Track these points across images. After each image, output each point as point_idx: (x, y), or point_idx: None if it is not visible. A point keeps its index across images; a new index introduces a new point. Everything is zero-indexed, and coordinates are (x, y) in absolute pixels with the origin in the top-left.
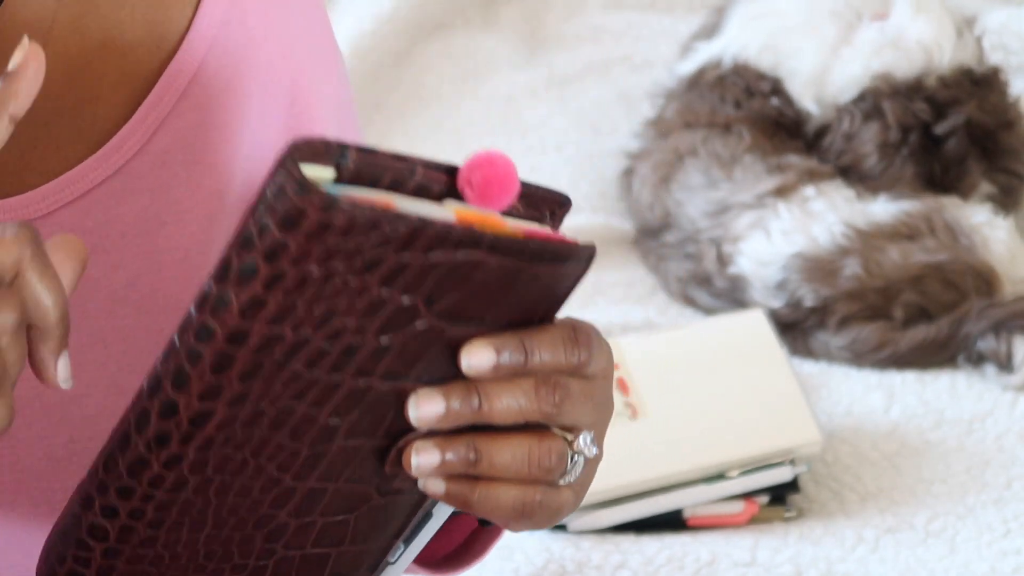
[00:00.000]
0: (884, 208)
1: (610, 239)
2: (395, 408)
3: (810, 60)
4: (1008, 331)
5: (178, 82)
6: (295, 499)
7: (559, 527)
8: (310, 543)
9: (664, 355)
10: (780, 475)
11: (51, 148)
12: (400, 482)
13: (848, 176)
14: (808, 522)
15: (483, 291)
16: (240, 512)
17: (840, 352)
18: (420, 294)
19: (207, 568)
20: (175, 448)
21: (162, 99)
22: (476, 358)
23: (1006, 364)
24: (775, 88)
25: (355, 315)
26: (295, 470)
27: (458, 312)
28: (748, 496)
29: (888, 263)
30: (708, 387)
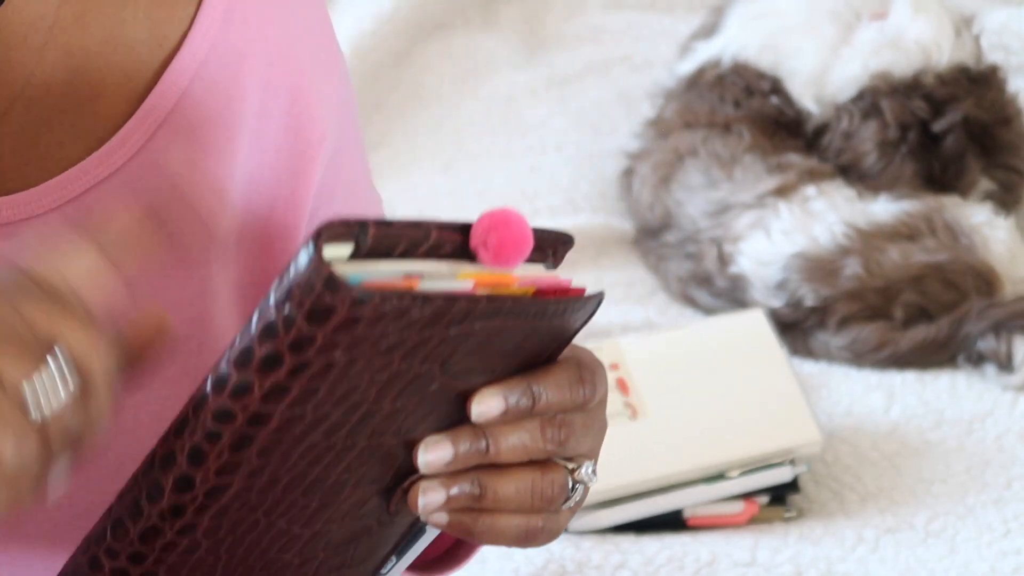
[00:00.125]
0: (884, 208)
1: (610, 239)
2: (404, 455)
3: (809, 59)
4: (1008, 331)
5: (180, 80)
6: (301, 542)
7: None
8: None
9: (664, 355)
10: (780, 475)
11: (53, 145)
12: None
13: (848, 175)
14: (808, 522)
15: (498, 349)
16: (249, 561)
17: (840, 352)
18: (437, 361)
19: None
20: (190, 519)
21: (164, 98)
22: (486, 407)
23: (1006, 364)
24: (775, 87)
25: (375, 388)
26: (304, 520)
27: (472, 368)
28: (748, 496)
29: (888, 263)
30: (708, 387)
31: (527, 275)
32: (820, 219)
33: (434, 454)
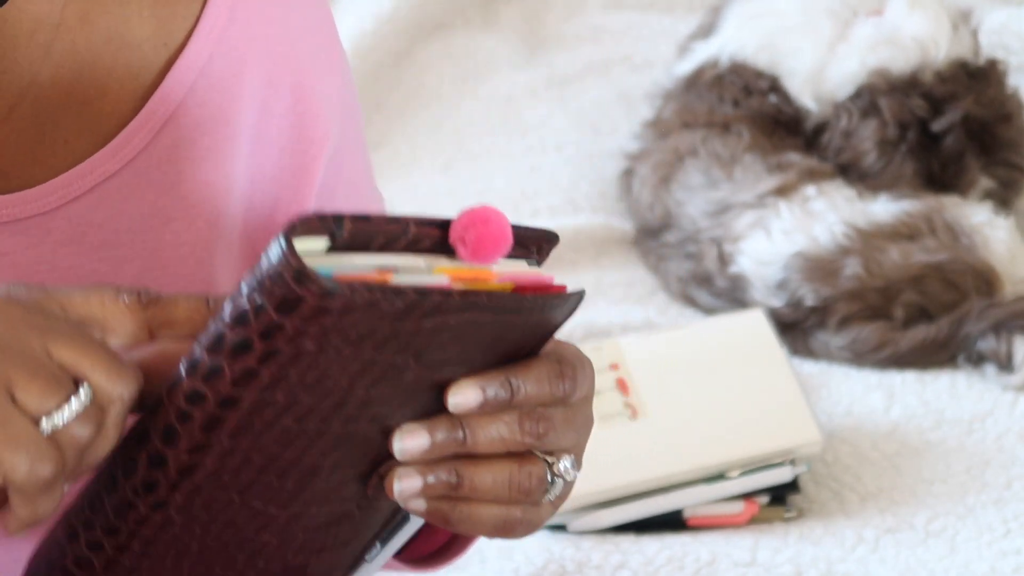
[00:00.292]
0: (884, 208)
1: (610, 239)
2: (380, 442)
3: (807, 57)
4: (1008, 331)
5: (185, 79)
6: (278, 523)
7: (559, 527)
8: (291, 554)
9: (664, 355)
10: (780, 475)
11: (59, 143)
12: (381, 500)
13: (847, 174)
14: (808, 522)
15: (474, 342)
16: (224, 539)
17: (840, 352)
18: (411, 352)
19: None
20: (163, 494)
21: (169, 95)
22: (462, 397)
23: (1006, 364)
24: (773, 86)
25: (347, 376)
26: (280, 502)
27: (447, 360)
28: (748, 496)
29: (888, 263)
30: (708, 387)
31: (507, 271)
32: (820, 219)
33: (410, 442)
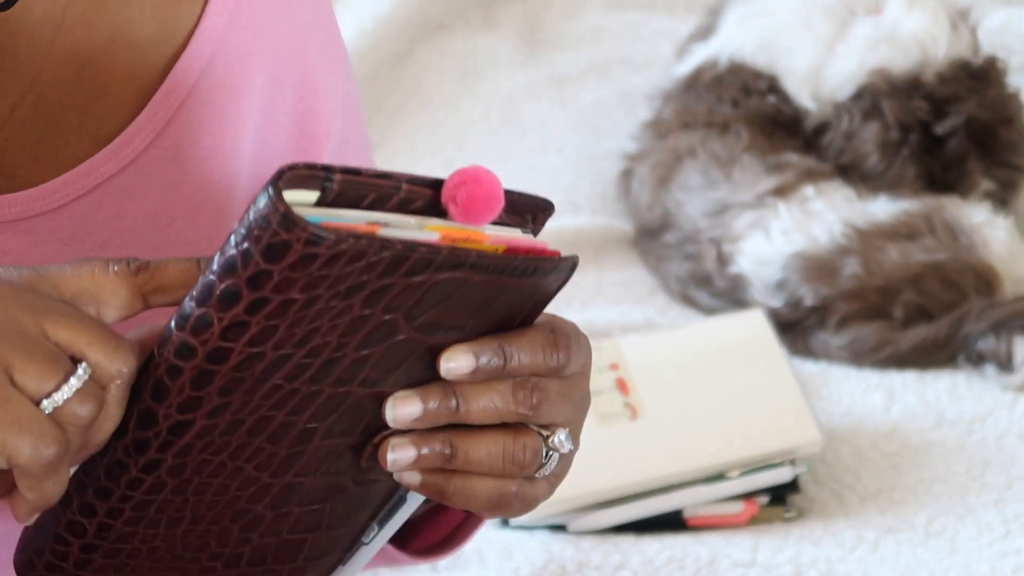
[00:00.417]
0: (884, 207)
1: (610, 239)
2: (373, 408)
3: (805, 57)
4: (1008, 331)
5: (187, 78)
6: (272, 493)
7: (559, 527)
8: (286, 530)
9: (664, 355)
10: (780, 475)
11: (61, 143)
12: (377, 474)
13: (848, 175)
14: (808, 522)
15: (465, 304)
16: (218, 508)
17: (840, 352)
18: (401, 312)
19: (184, 558)
20: (153, 454)
21: (172, 94)
22: (455, 363)
23: (1006, 364)
24: (772, 86)
25: (336, 333)
26: (273, 469)
27: (439, 323)
28: (748, 496)
29: (888, 263)
30: (708, 387)
31: (501, 236)
32: (819, 219)
33: (402, 409)
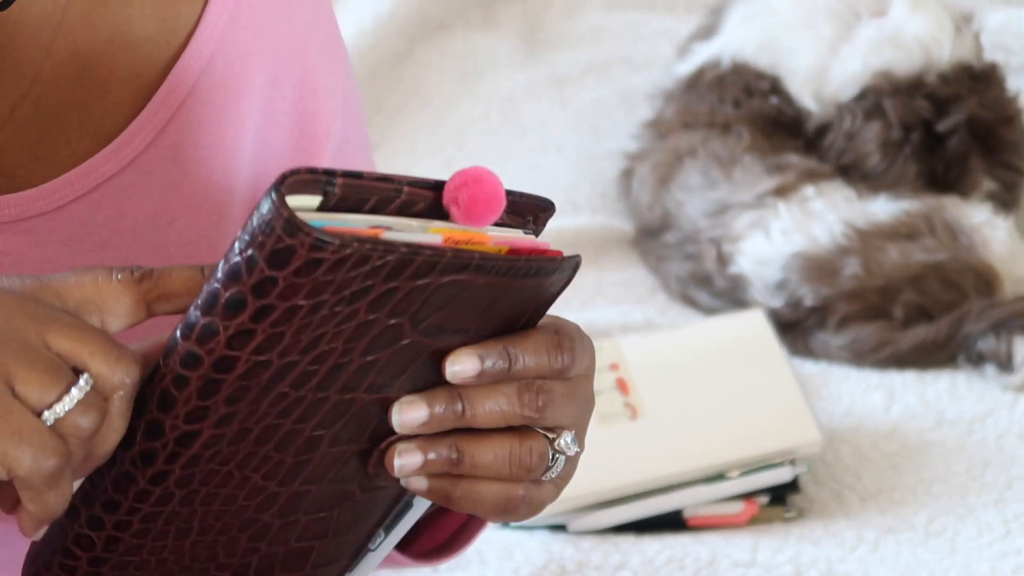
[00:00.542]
0: (884, 208)
1: (610, 239)
2: (379, 415)
3: (808, 58)
4: (1008, 331)
5: (187, 77)
6: (279, 502)
7: (559, 527)
8: (294, 539)
9: (664, 355)
10: (780, 475)
11: (61, 142)
12: (383, 480)
13: (850, 175)
14: (808, 522)
15: (469, 307)
16: (225, 518)
17: (840, 352)
18: (406, 316)
19: (192, 568)
20: (161, 466)
21: (172, 94)
22: (460, 366)
23: (1006, 364)
24: (774, 87)
25: (342, 339)
26: (280, 478)
27: (444, 326)
28: (748, 496)
29: (888, 263)
30: (708, 387)
31: (503, 237)
32: (819, 219)
33: (408, 414)
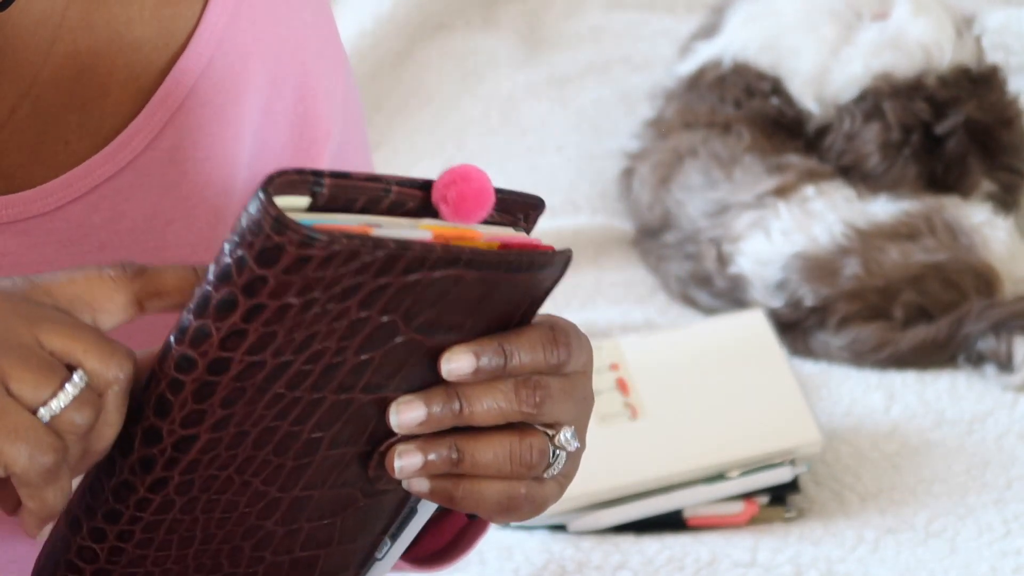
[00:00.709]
0: (884, 208)
1: (610, 239)
2: (377, 416)
3: (810, 59)
4: (1008, 331)
5: (186, 79)
6: (281, 509)
7: (559, 527)
8: (298, 547)
9: (664, 355)
10: (780, 475)
11: (59, 143)
12: (385, 483)
13: (850, 176)
14: (808, 522)
15: (461, 303)
16: (228, 526)
17: (840, 352)
18: (399, 313)
19: None
20: (160, 472)
21: (170, 96)
22: (456, 364)
23: (1006, 364)
24: (775, 88)
25: (335, 337)
26: (280, 482)
27: (437, 323)
28: (748, 496)
29: (888, 263)
30: (708, 387)
31: (495, 234)
32: (819, 219)
33: (406, 414)
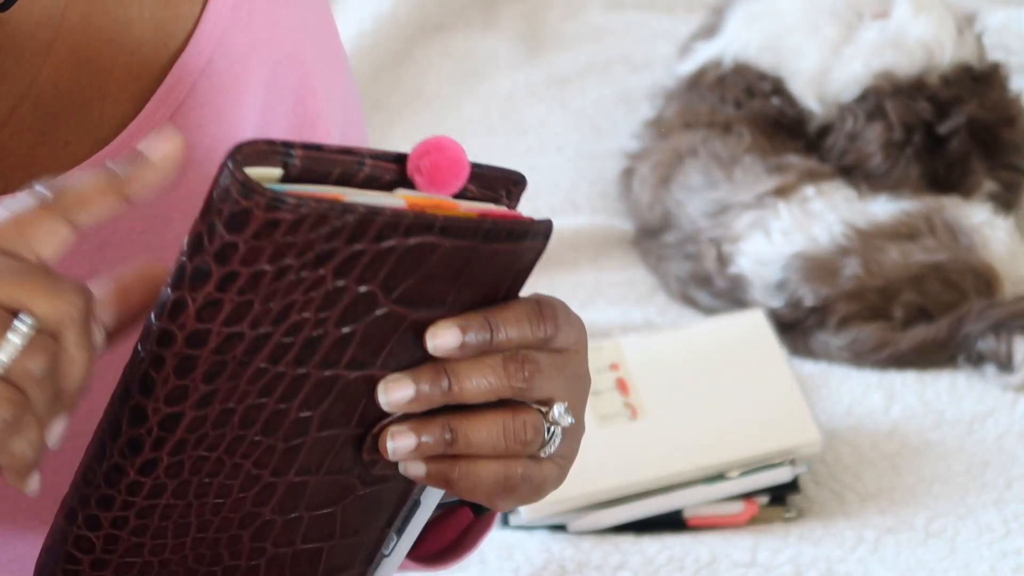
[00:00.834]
0: (884, 208)
1: (610, 239)
2: (367, 396)
3: (811, 59)
4: (1008, 331)
5: (185, 79)
6: (277, 495)
7: (559, 527)
8: (299, 539)
9: (664, 355)
10: (780, 475)
11: (59, 143)
12: (382, 468)
13: (851, 176)
14: (808, 522)
15: (441, 273)
16: (223, 512)
17: (840, 352)
18: (376, 282)
19: (199, 572)
20: (148, 453)
21: (169, 96)
22: (441, 338)
23: (1006, 364)
24: (776, 88)
25: (313, 308)
26: (273, 465)
27: (418, 296)
28: (748, 496)
29: (888, 263)
30: (708, 387)
31: (475, 206)
32: (819, 219)
33: (395, 392)
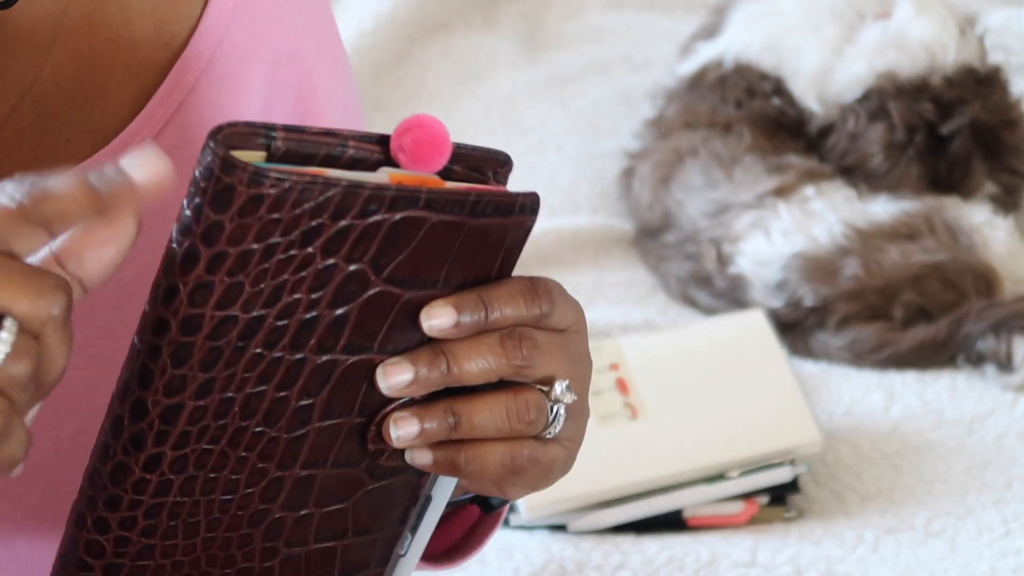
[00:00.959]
0: (884, 208)
1: (610, 239)
2: (366, 383)
3: (812, 60)
4: (1008, 331)
5: (187, 78)
6: (285, 490)
7: (559, 527)
8: (312, 538)
9: (664, 355)
10: (780, 475)
11: (60, 142)
12: (389, 460)
13: (852, 176)
14: (808, 522)
15: (430, 251)
16: (232, 510)
17: (840, 352)
18: (366, 260)
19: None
20: (151, 448)
21: (171, 95)
22: (436, 318)
23: (1006, 364)
24: (777, 88)
25: (304, 288)
26: (278, 458)
27: (410, 275)
28: (748, 496)
29: (888, 263)
30: (708, 387)
31: (460, 185)
32: (819, 219)
33: (393, 376)
